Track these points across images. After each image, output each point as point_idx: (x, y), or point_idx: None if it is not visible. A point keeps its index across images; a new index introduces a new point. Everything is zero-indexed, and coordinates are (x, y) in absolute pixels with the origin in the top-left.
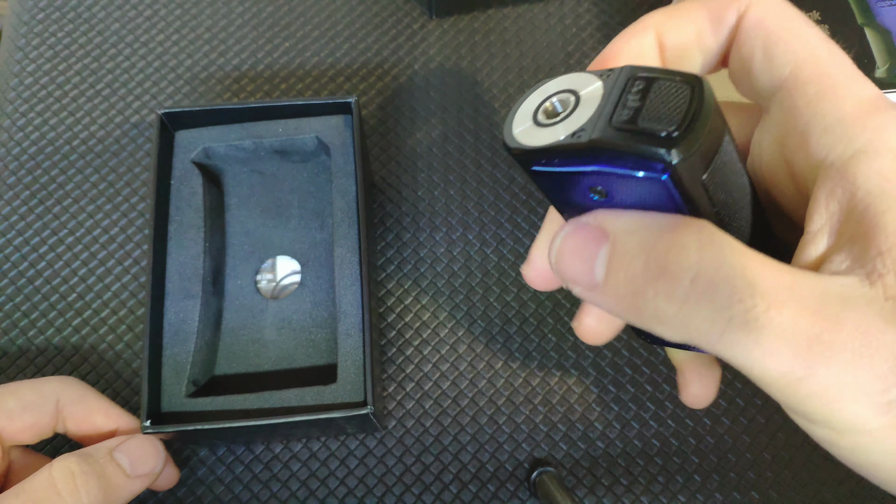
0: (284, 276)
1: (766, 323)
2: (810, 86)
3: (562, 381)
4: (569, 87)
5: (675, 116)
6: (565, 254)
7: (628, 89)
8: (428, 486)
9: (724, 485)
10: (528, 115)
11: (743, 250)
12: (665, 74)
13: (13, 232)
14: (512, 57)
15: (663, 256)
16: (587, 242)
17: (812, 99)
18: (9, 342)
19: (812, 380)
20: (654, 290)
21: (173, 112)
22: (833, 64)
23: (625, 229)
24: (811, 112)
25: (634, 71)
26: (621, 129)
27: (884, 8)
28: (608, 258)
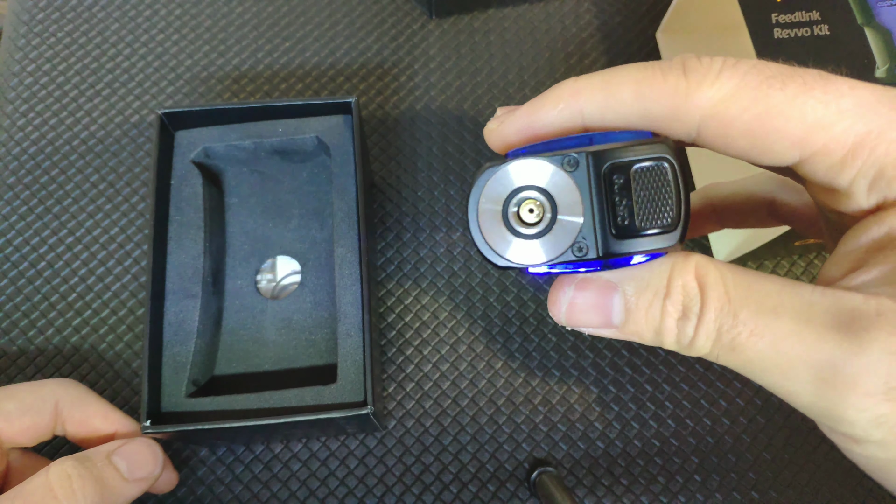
0: (284, 275)
1: (748, 346)
2: (834, 155)
3: (562, 380)
4: (529, 182)
5: (669, 203)
6: (578, 308)
7: (609, 186)
8: (428, 486)
9: (724, 485)
10: (499, 222)
11: (734, 279)
12: (636, 154)
13: (13, 232)
14: (512, 57)
15: (678, 302)
16: (599, 296)
17: (842, 165)
18: (9, 342)
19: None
20: (673, 330)
21: (173, 112)
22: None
23: (631, 276)
24: (846, 177)
25: (604, 160)
26: (626, 237)
27: (884, 8)
28: (624, 307)
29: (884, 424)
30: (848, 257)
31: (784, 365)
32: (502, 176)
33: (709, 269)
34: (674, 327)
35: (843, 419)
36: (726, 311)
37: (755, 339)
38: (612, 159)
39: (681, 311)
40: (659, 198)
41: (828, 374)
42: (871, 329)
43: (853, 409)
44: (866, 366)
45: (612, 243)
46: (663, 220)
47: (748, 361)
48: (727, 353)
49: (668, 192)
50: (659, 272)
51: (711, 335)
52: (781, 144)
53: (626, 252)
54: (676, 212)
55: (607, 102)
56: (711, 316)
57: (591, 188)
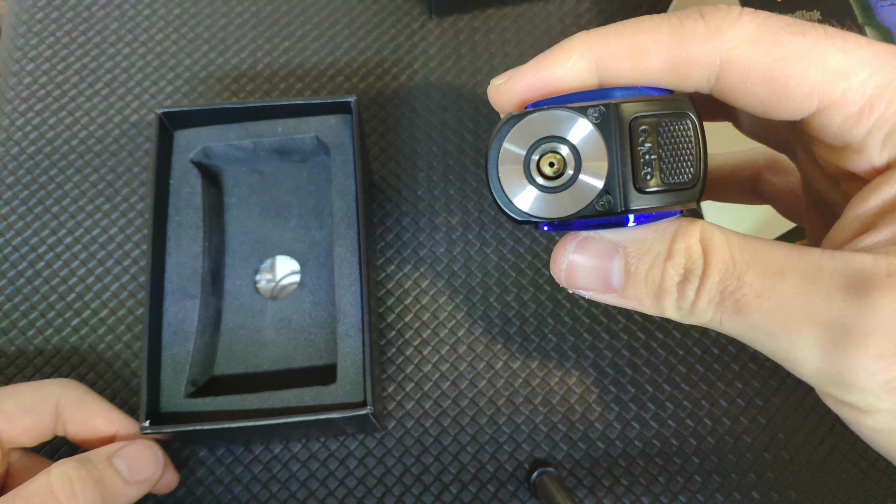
0: (284, 275)
1: (755, 309)
2: (850, 106)
3: (562, 381)
4: (553, 132)
5: (689, 160)
6: (577, 270)
7: (635, 139)
8: (427, 486)
9: (725, 485)
10: (519, 174)
11: (740, 243)
12: (661, 108)
13: (12, 232)
14: (512, 56)
15: (679, 265)
16: (600, 257)
17: (858, 118)
18: (7, 342)
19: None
20: (672, 294)
21: (172, 112)
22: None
23: (633, 238)
24: (861, 130)
25: (630, 112)
26: (651, 192)
27: (885, 7)
28: (624, 269)
29: (895, 390)
30: (856, 221)
31: (791, 327)
32: (525, 126)
33: (714, 232)
34: (674, 290)
35: (852, 385)
36: (731, 273)
37: (760, 300)
38: (639, 112)
39: (682, 274)
40: (682, 153)
41: (837, 336)
42: (882, 288)
43: (864, 372)
44: (877, 326)
45: (635, 198)
46: (684, 175)
47: (753, 326)
48: (731, 316)
49: (690, 148)
50: (662, 235)
51: (714, 298)
52: (800, 91)
53: (648, 207)
54: (696, 168)
55: (623, 51)
56: (715, 278)
57: (617, 141)
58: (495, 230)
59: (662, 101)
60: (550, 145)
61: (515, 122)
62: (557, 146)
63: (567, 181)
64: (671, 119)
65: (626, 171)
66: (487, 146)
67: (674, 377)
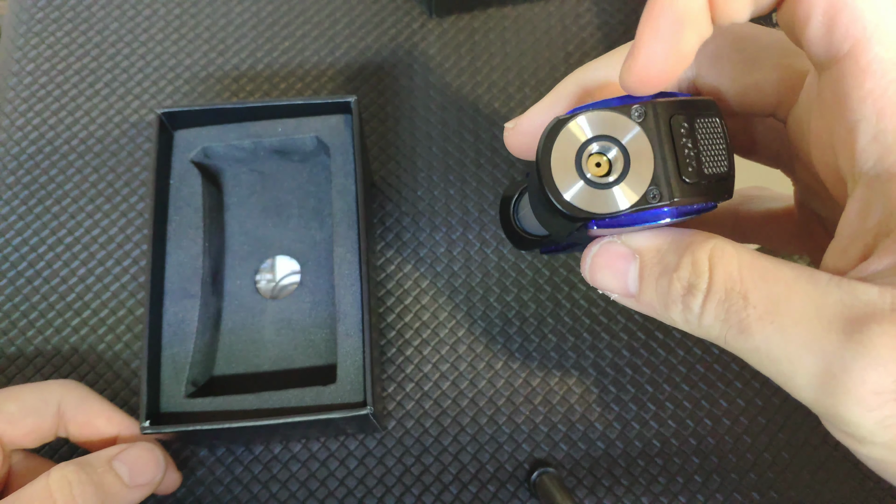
0: (284, 276)
1: (757, 331)
2: (868, 78)
3: (562, 381)
4: (603, 132)
5: (722, 154)
6: (598, 269)
7: (676, 134)
8: (428, 486)
9: (725, 486)
10: (571, 170)
11: (750, 262)
12: (696, 108)
13: (12, 232)
14: (512, 56)
15: (685, 278)
16: (618, 260)
17: (866, 95)
18: (7, 342)
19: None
20: (678, 305)
21: (172, 112)
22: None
23: (649, 247)
24: (863, 112)
25: (670, 111)
26: (694, 183)
27: None
28: (639, 276)
29: (892, 426)
30: (855, 243)
31: (791, 353)
32: (573, 128)
33: (725, 249)
34: (679, 302)
35: (847, 419)
36: (736, 292)
37: (763, 323)
38: (676, 111)
39: (686, 287)
40: (716, 148)
41: (835, 368)
42: (883, 323)
43: (859, 406)
44: (876, 361)
45: (682, 189)
46: (721, 167)
47: (755, 348)
48: (735, 335)
49: (722, 143)
50: (676, 246)
51: (720, 315)
52: (845, 29)
53: (692, 199)
54: (729, 161)
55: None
56: (720, 295)
57: (661, 136)
58: (495, 230)
59: (692, 101)
60: (599, 144)
61: (563, 125)
62: (606, 144)
63: (618, 177)
64: (704, 117)
65: (671, 165)
66: (538, 151)
67: (674, 377)
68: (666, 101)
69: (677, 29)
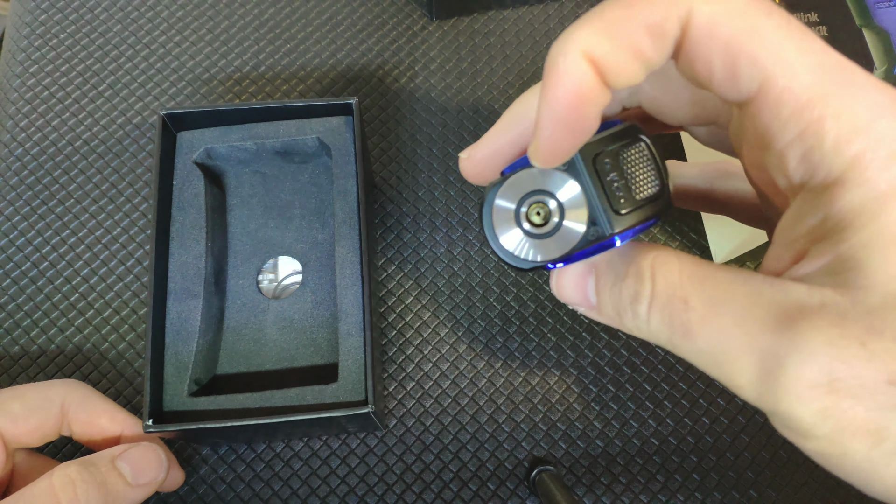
0: (286, 276)
1: (698, 332)
2: (782, 108)
3: (561, 380)
4: (534, 188)
5: (652, 175)
6: (563, 285)
7: (602, 172)
8: (428, 484)
9: (723, 483)
10: (513, 226)
11: (690, 269)
12: (615, 141)
13: (16, 232)
14: (512, 58)
15: (631, 287)
16: (578, 276)
17: (785, 123)
18: (11, 342)
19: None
20: (628, 313)
21: (175, 113)
22: (811, 79)
23: (602, 261)
24: (786, 138)
25: (592, 151)
26: (629, 211)
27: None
28: (595, 289)
29: (829, 418)
30: (792, 246)
31: (730, 354)
32: (507, 189)
33: (668, 258)
34: (629, 309)
35: (788, 414)
36: (677, 297)
37: (703, 324)
38: (598, 150)
39: (633, 295)
40: (644, 172)
41: (771, 366)
42: (813, 319)
43: (797, 402)
44: (809, 357)
45: (617, 221)
46: (651, 189)
47: (699, 350)
48: (680, 339)
49: (650, 165)
50: (624, 258)
51: (665, 319)
52: (748, 71)
53: (630, 225)
54: (661, 180)
55: None
56: (663, 300)
57: (587, 179)
58: None
59: (614, 133)
60: (534, 198)
61: (495, 192)
62: (540, 198)
63: (556, 224)
64: (626, 146)
65: (604, 201)
66: (481, 219)
67: (672, 375)
68: (587, 145)
69: (574, 109)
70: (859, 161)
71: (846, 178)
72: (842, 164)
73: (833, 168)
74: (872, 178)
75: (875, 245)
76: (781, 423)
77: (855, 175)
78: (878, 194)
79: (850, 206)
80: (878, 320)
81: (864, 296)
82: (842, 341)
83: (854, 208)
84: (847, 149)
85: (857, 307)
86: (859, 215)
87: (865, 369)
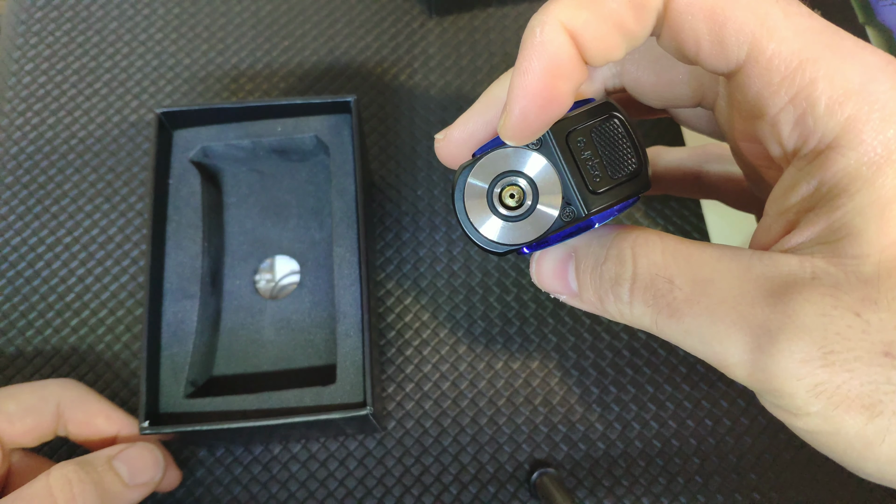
0: (283, 275)
1: (685, 312)
2: (773, 73)
3: (562, 381)
4: (506, 168)
5: (628, 153)
6: (542, 272)
7: (575, 150)
8: (427, 487)
9: (726, 486)
10: (485, 209)
11: (674, 247)
12: (588, 118)
13: (11, 232)
14: (512, 56)
15: (611, 269)
16: (558, 262)
17: (777, 89)
18: (6, 342)
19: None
20: (609, 297)
21: (171, 111)
22: (800, 43)
23: (581, 245)
24: (777, 104)
25: (564, 129)
26: (605, 191)
27: (885, 7)
28: (575, 274)
29: (822, 393)
30: (780, 219)
31: (720, 332)
32: (478, 170)
33: (648, 238)
34: (610, 293)
35: (780, 390)
36: (660, 277)
37: (690, 304)
38: (570, 128)
39: (614, 277)
40: (619, 149)
41: (763, 341)
42: (804, 292)
43: (790, 377)
44: (801, 330)
45: (593, 200)
46: (628, 167)
47: (686, 330)
48: (666, 320)
49: (625, 142)
50: (602, 241)
51: (648, 300)
52: (735, 38)
53: (606, 204)
54: (637, 157)
55: None
56: (645, 281)
57: (560, 158)
58: None
59: (587, 111)
60: (507, 179)
61: (466, 173)
62: (513, 179)
63: (530, 206)
64: (600, 123)
65: (578, 180)
66: (453, 200)
67: (674, 377)
68: (560, 123)
69: (548, 82)
70: (853, 124)
71: (840, 142)
72: (835, 128)
73: (826, 132)
74: (867, 140)
75: (869, 212)
76: (772, 402)
77: (849, 139)
78: (872, 158)
79: (845, 172)
80: (872, 290)
81: (858, 265)
82: (835, 312)
83: (848, 173)
84: (840, 111)
85: (850, 277)
86: (854, 180)
87: (860, 341)
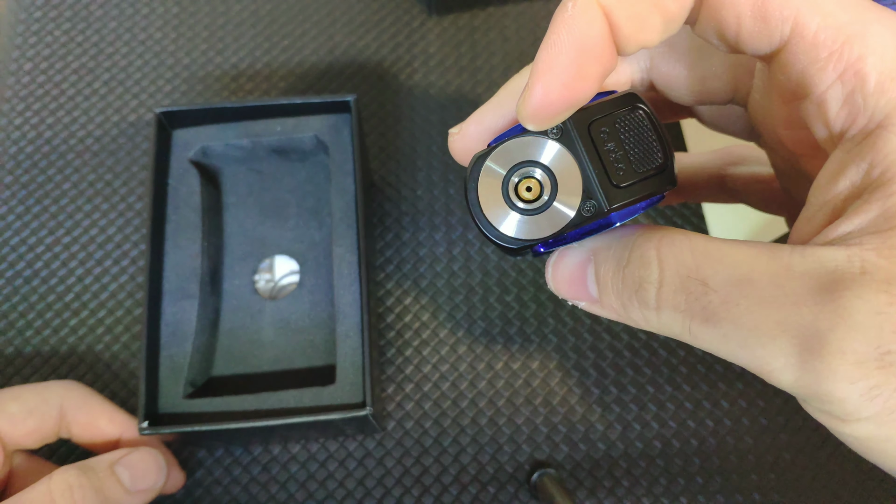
0: (283, 276)
1: (724, 316)
2: (820, 48)
3: (563, 382)
4: (524, 158)
5: (654, 146)
6: (559, 278)
7: (598, 141)
8: (427, 488)
9: (727, 487)
10: (500, 202)
11: (704, 247)
12: (611, 108)
13: (10, 231)
14: (512, 55)
15: (635, 272)
16: (576, 267)
17: (824, 64)
18: (6, 343)
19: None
20: (634, 302)
21: (171, 111)
22: (847, 17)
23: (601, 247)
24: (825, 81)
25: (587, 119)
26: (629, 185)
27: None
28: (595, 279)
29: (878, 397)
30: (825, 208)
31: (763, 336)
32: (494, 159)
33: (675, 238)
34: (634, 298)
35: (831, 395)
36: (692, 279)
37: (728, 307)
38: (593, 117)
39: (638, 281)
40: (645, 142)
41: (812, 343)
42: (855, 288)
43: (843, 380)
44: (854, 330)
45: (616, 194)
46: (654, 161)
47: (724, 336)
48: (700, 326)
49: (651, 135)
50: (624, 242)
51: (679, 305)
52: (778, 13)
53: (630, 200)
54: (664, 151)
55: None
56: (675, 284)
57: (581, 148)
58: None
59: (610, 100)
60: (524, 170)
61: (483, 161)
62: (531, 170)
63: (548, 199)
64: (625, 114)
65: (600, 173)
66: (466, 191)
67: (675, 378)
68: (581, 110)
69: (576, 59)
70: None
71: (891, 120)
72: (886, 106)
73: (877, 110)
74: None
75: None
76: (818, 407)
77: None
78: None
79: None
80: None
81: None
82: (891, 309)
83: None
84: (892, 88)
85: None
86: None
87: None
